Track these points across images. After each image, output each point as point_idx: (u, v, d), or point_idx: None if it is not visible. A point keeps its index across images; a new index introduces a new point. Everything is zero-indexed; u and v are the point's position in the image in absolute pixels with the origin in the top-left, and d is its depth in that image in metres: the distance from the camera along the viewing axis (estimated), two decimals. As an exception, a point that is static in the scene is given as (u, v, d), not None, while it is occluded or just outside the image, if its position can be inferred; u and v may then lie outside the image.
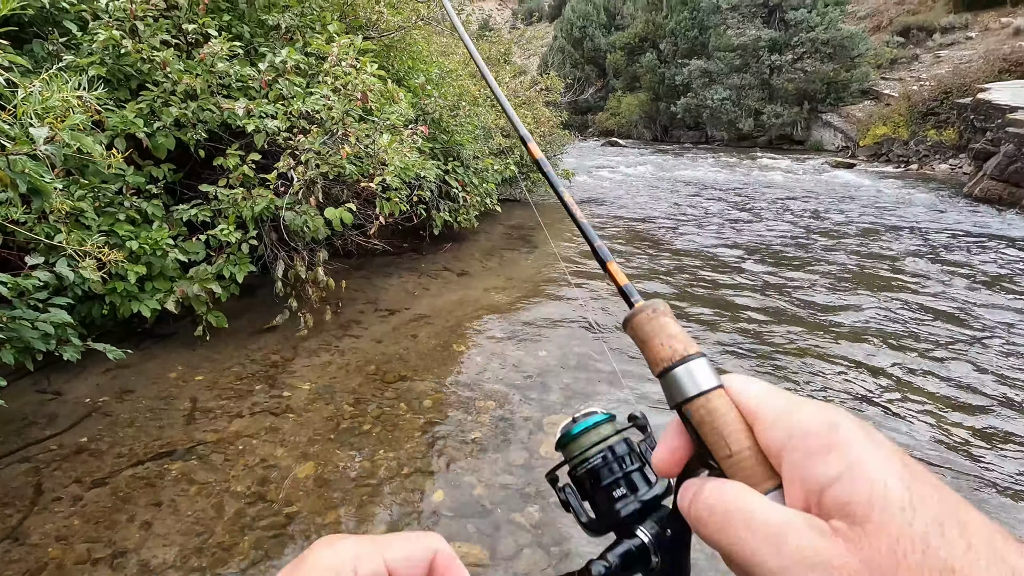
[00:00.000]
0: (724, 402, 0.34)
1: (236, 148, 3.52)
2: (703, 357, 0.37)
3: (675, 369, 0.37)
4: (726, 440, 0.33)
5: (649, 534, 0.40)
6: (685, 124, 24.48)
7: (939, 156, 14.16)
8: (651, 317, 0.39)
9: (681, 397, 0.36)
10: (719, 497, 0.31)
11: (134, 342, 3.42)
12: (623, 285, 0.45)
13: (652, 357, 0.38)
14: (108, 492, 2.25)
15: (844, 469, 0.28)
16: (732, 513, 0.30)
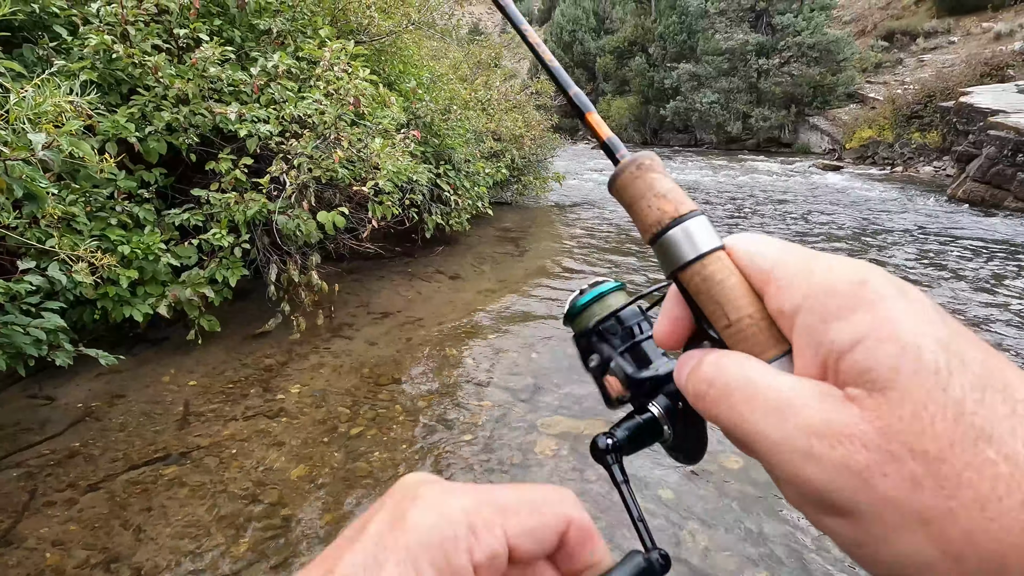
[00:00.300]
0: (722, 266, 0.30)
1: (228, 152, 3.53)
2: (700, 215, 0.32)
3: (666, 234, 0.32)
4: (723, 308, 0.30)
5: (660, 407, 0.37)
6: (674, 127, 24.68)
7: (923, 158, 14.39)
8: (636, 175, 0.34)
9: (674, 265, 0.32)
10: (717, 369, 0.28)
11: (126, 347, 3.40)
12: (606, 138, 0.37)
13: (640, 222, 0.34)
14: (103, 497, 2.25)
15: (868, 330, 0.23)
16: (731, 385, 0.27)
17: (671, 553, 2.01)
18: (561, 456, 2.56)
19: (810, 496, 0.24)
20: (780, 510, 2.24)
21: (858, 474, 0.22)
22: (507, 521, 0.25)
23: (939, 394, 0.22)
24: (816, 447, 0.23)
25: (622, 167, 0.35)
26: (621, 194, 0.35)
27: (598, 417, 2.87)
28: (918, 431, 0.21)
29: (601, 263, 5.81)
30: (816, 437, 0.23)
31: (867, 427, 0.22)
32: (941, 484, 0.21)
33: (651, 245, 0.33)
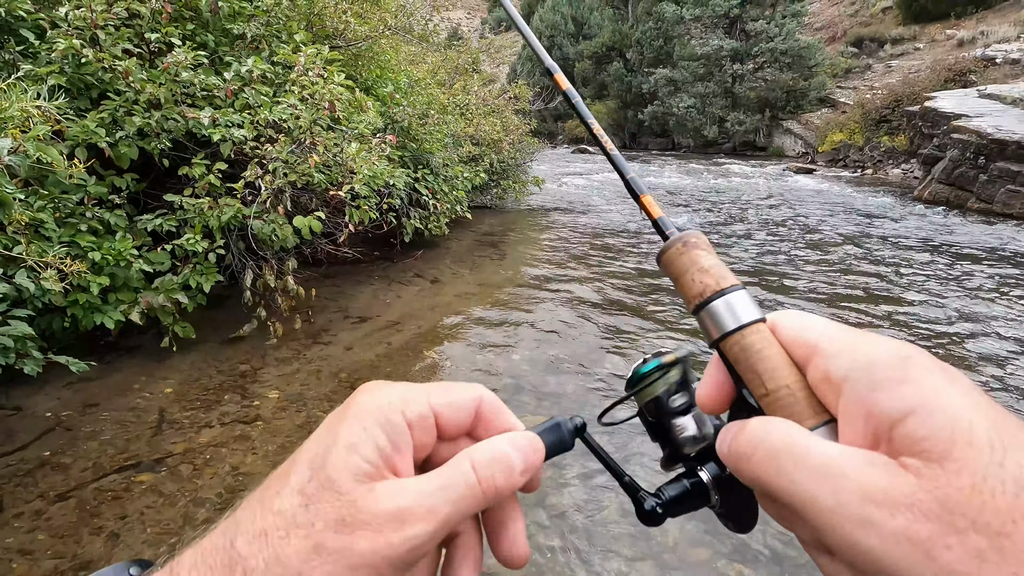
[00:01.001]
0: (761, 337, 0.32)
1: (202, 157, 3.51)
2: (741, 290, 0.34)
3: (708, 305, 0.34)
4: (761, 377, 0.31)
5: (709, 473, 0.38)
6: (652, 131, 25.01)
7: (892, 161, 14.81)
8: (681, 251, 0.36)
9: (716, 334, 0.34)
10: (763, 432, 0.29)
11: (98, 355, 3.35)
12: (657, 218, 0.41)
13: (684, 294, 0.36)
14: (73, 506, 2.21)
15: (919, 403, 0.24)
16: (777, 447, 0.27)
17: (647, 548, 2.04)
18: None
19: (865, 565, 0.24)
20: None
21: (919, 545, 0.22)
22: (431, 396, 0.31)
23: (996, 469, 0.22)
24: (874, 515, 0.23)
25: (669, 243, 0.37)
26: (668, 267, 0.37)
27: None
28: (979, 504, 0.21)
29: (580, 267, 5.87)
30: (873, 504, 0.23)
31: (926, 496, 0.22)
32: (1006, 559, 0.21)
33: (694, 315, 0.35)
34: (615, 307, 4.60)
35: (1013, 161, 8.85)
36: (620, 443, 2.65)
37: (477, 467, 0.30)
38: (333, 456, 0.28)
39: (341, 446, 0.28)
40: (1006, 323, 4.31)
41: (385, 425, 0.29)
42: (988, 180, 9.13)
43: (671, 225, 0.40)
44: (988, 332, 4.13)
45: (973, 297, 4.93)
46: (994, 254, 6.51)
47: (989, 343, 3.93)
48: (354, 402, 0.31)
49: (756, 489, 0.30)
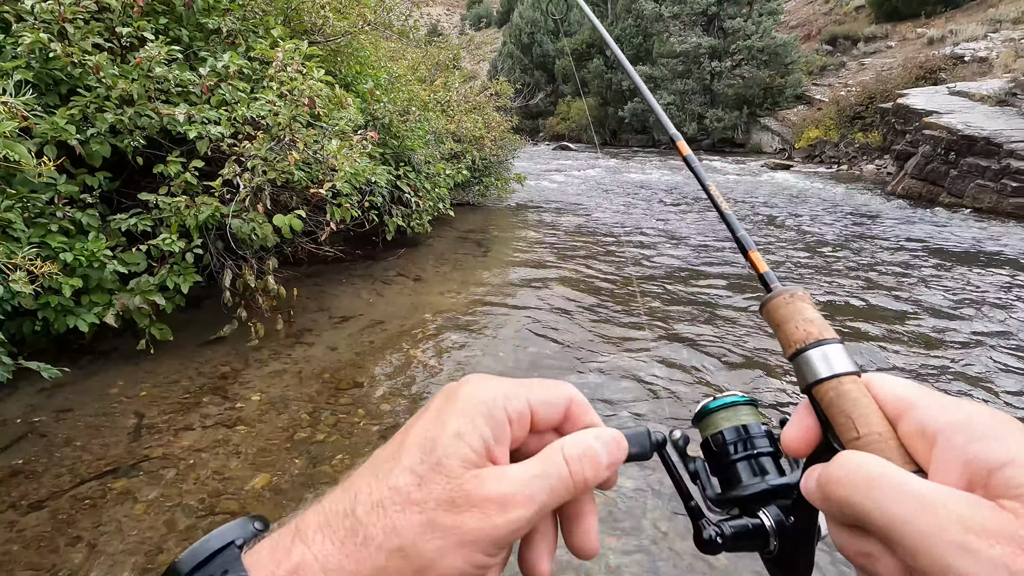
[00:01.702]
0: (857, 387, 0.34)
1: (177, 155, 3.42)
2: (839, 343, 0.36)
3: (808, 351, 0.37)
4: (854, 422, 0.33)
5: (771, 518, 0.39)
6: (633, 128, 25.15)
7: (866, 157, 15.11)
8: (788, 301, 0.40)
9: (812, 379, 0.36)
10: (862, 460, 0.30)
11: (71, 359, 3.26)
12: (763, 272, 0.45)
13: (786, 339, 0.38)
14: (47, 515, 2.15)
15: (1017, 454, 0.27)
16: (876, 474, 0.29)
17: (636, 542, 2.06)
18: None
19: None
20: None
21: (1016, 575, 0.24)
22: (529, 393, 0.34)
23: None
24: (973, 542, 0.25)
25: (777, 293, 0.41)
26: (772, 314, 0.40)
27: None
28: None
29: (563, 264, 5.88)
30: (973, 533, 0.25)
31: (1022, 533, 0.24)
32: None
33: (792, 359, 0.38)
34: (598, 305, 4.62)
35: (982, 157, 9.09)
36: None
37: (569, 460, 0.32)
38: (442, 442, 0.31)
39: (450, 434, 0.31)
40: (976, 312, 4.43)
41: (489, 419, 0.32)
42: (958, 175, 9.37)
43: (775, 279, 0.44)
44: (954, 319, 4.24)
45: (939, 287, 5.05)
46: (967, 247, 6.69)
47: (955, 330, 4.04)
48: (461, 394, 0.33)
49: (843, 517, 0.31)
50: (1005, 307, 4.60)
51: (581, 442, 0.34)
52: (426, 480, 0.30)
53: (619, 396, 3.12)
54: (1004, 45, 16.24)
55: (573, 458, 0.33)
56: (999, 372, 3.46)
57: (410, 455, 0.31)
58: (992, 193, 8.79)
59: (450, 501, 0.29)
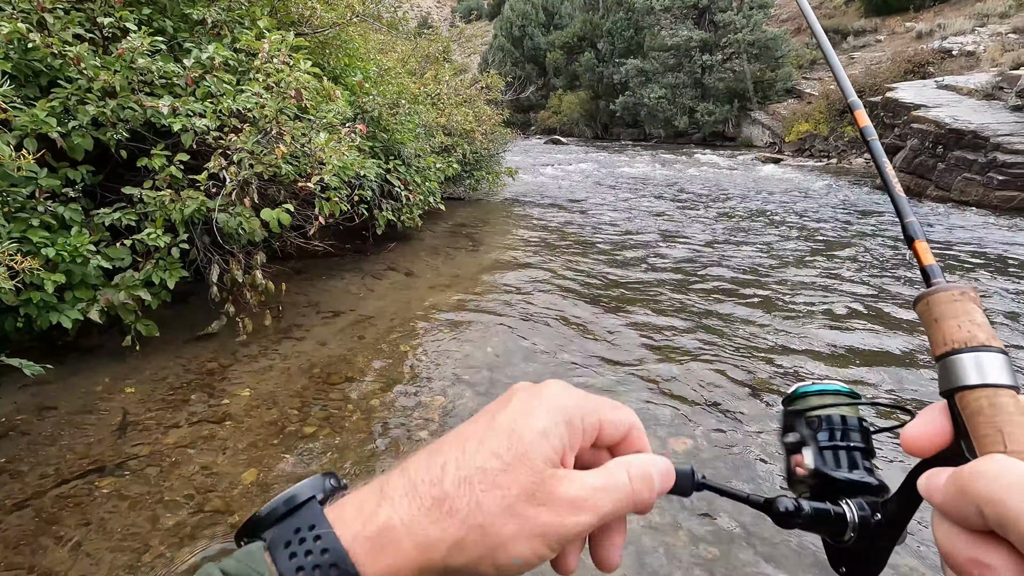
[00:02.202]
0: (1016, 404, 0.31)
1: (162, 148, 3.36)
2: (1004, 354, 0.33)
3: (965, 354, 0.34)
4: (1005, 436, 0.30)
5: (855, 510, 0.38)
6: (624, 122, 25.14)
7: (855, 150, 15.20)
8: (956, 297, 0.36)
9: (960, 383, 0.33)
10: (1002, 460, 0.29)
11: (55, 356, 3.20)
12: (927, 265, 0.42)
13: (942, 336, 0.35)
14: (31, 514, 2.11)
15: None
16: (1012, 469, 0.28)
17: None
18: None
19: None
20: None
21: None
22: (601, 410, 0.37)
23: None
24: None
25: (945, 287, 0.38)
26: (933, 308, 0.37)
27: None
28: None
29: (554, 258, 5.87)
30: None
31: None
32: None
33: (941, 359, 0.35)
34: (589, 298, 4.62)
35: (968, 150, 9.17)
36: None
37: (633, 479, 0.35)
38: (529, 437, 0.33)
39: (537, 430, 0.33)
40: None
41: (568, 424, 0.34)
42: (946, 168, 9.45)
43: (939, 273, 0.41)
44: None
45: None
46: (956, 240, 6.75)
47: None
48: (547, 394, 0.36)
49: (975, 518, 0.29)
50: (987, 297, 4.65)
51: (643, 464, 0.36)
52: (511, 468, 0.32)
53: (615, 388, 3.12)
54: (991, 39, 16.36)
55: (636, 477, 0.35)
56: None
57: (497, 441, 0.33)
58: (979, 186, 8.87)
59: (530, 493, 0.32)
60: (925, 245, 0.44)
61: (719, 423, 2.81)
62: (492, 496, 0.31)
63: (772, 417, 2.87)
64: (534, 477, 0.32)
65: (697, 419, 2.83)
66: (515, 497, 0.31)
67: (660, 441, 2.64)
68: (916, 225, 0.45)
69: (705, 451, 2.58)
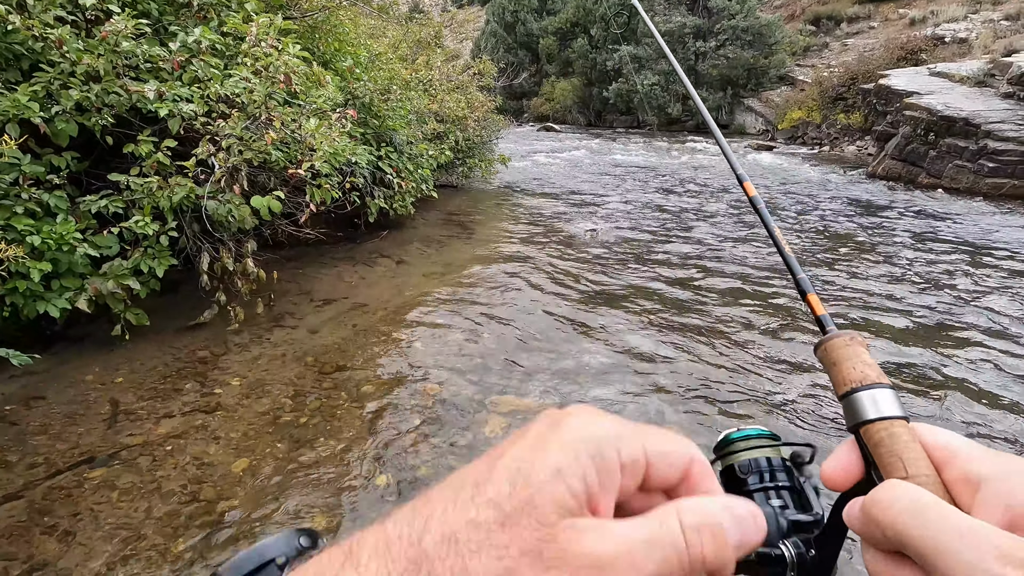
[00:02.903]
0: (906, 431, 0.35)
1: (148, 134, 3.30)
2: (892, 389, 0.38)
3: (861, 392, 0.38)
4: (904, 462, 0.34)
5: (791, 550, 0.39)
6: (618, 109, 25.01)
7: (848, 138, 15.22)
8: (847, 343, 0.41)
9: (862, 417, 0.37)
10: (911, 490, 0.31)
11: (43, 346, 3.17)
12: (820, 315, 0.48)
13: (840, 378, 0.40)
14: (23, 506, 2.09)
15: None
16: (926, 503, 0.30)
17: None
18: (511, 434, 2.58)
19: None
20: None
21: None
22: (647, 441, 0.28)
23: None
24: (1010, 573, 0.26)
25: (837, 335, 0.43)
26: (830, 353, 0.42)
27: (546, 394, 2.91)
28: None
29: (547, 246, 5.86)
30: (1011, 565, 0.26)
31: None
32: None
33: (843, 398, 0.39)
34: (582, 286, 4.61)
35: (960, 137, 9.20)
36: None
37: (686, 528, 0.26)
38: (537, 476, 0.25)
39: (548, 468, 0.26)
40: (961, 291, 4.51)
41: (597, 458, 0.26)
42: (937, 156, 9.49)
43: (831, 323, 0.47)
44: (940, 296, 4.31)
45: (917, 263, 5.14)
46: (942, 226, 6.80)
47: (941, 306, 4.11)
48: (565, 423, 0.28)
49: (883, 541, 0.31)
50: (975, 282, 4.69)
51: (705, 509, 0.27)
52: (512, 520, 0.25)
53: (605, 378, 3.12)
54: (983, 26, 16.37)
55: (691, 527, 0.26)
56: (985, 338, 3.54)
57: (497, 485, 0.26)
58: (969, 174, 8.92)
59: (537, 553, 0.24)
60: (815, 298, 0.50)
61: (704, 412, 2.83)
62: (483, 559, 0.24)
63: (764, 406, 2.89)
64: (541, 531, 0.24)
65: (683, 409, 2.84)
66: (516, 559, 0.24)
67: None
68: (806, 280, 0.52)
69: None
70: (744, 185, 0.65)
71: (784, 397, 2.97)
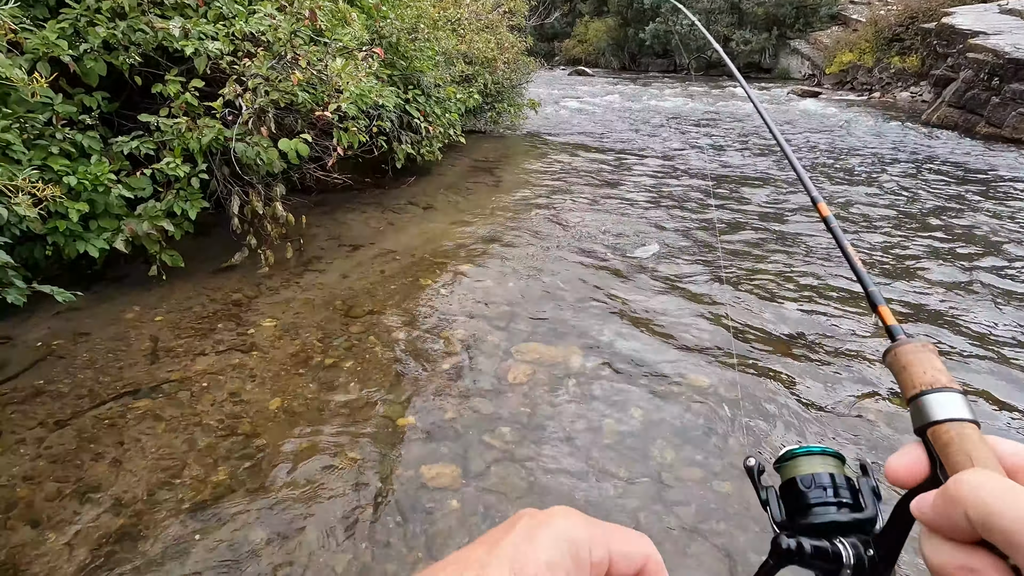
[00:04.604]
0: (977, 432, 0.36)
1: (176, 74, 3.27)
2: (963, 395, 0.38)
3: (931, 394, 0.39)
4: (972, 459, 0.34)
5: (849, 549, 0.41)
6: (653, 52, 23.83)
7: (901, 84, 14.24)
8: (919, 349, 0.42)
9: (932, 418, 0.37)
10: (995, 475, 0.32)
11: (84, 285, 3.28)
12: (890, 325, 0.50)
13: (910, 381, 0.41)
14: (72, 433, 2.22)
15: None
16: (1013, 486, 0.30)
17: (643, 468, 2.09)
18: (536, 382, 2.60)
19: None
20: (748, 422, 2.33)
21: None
22: (610, 541, 0.34)
23: None
24: None
25: (909, 340, 0.44)
26: (901, 358, 0.43)
27: (571, 344, 2.91)
28: None
29: (576, 195, 5.73)
30: None
31: None
32: None
33: (912, 400, 0.40)
34: (611, 236, 4.52)
35: (1028, 82, 8.49)
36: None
37: None
38: (533, 567, 0.30)
39: (541, 561, 0.30)
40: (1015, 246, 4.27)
41: (575, 558, 0.31)
42: (1000, 103, 8.81)
43: (902, 331, 0.48)
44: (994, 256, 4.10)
45: (982, 222, 4.86)
46: (997, 178, 6.38)
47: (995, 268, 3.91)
48: (552, 524, 0.33)
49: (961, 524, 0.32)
50: (1036, 242, 4.43)
51: None
52: None
53: (630, 332, 3.09)
54: (1067, -44, 14.77)
55: None
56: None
57: (499, 570, 0.30)
58: (1034, 122, 8.28)
59: None
60: (886, 309, 0.52)
61: (721, 373, 2.79)
62: None
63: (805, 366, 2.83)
64: None
65: (699, 366, 2.81)
66: None
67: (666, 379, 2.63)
68: (877, 293, 0.54)
69: (703, 408, 2.57)
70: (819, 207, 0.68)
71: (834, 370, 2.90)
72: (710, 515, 1.90)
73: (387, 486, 2.00)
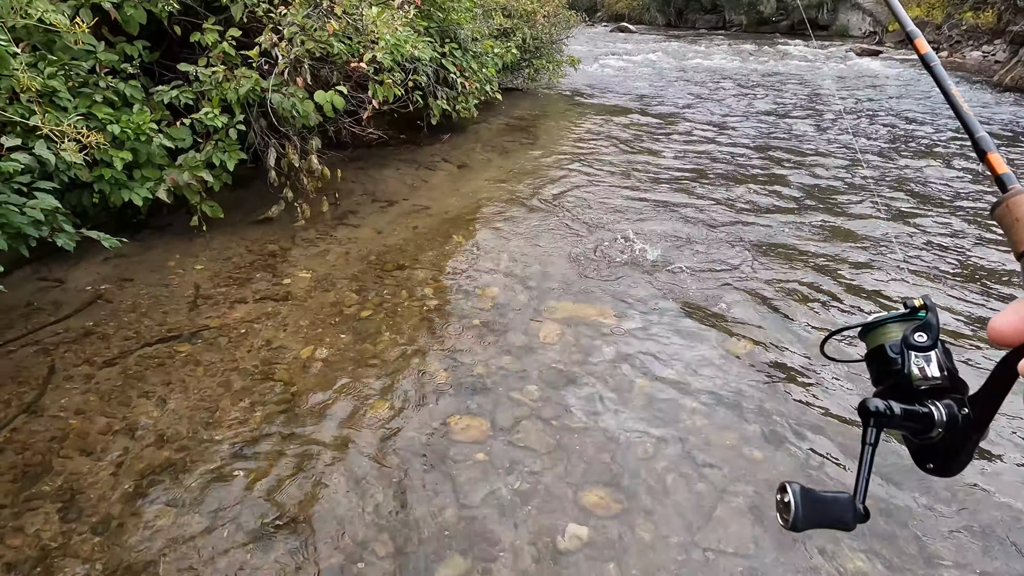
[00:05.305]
0: None
1: (213, 23, 3.25)
2: None
3: None
4: None
5: (942, 409, 0.41)
6: (701, 7, 22.64)
7: (972, 42, 13.19)
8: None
9: None
10: None
11: (129, 233, 3.37)
12: (1002, 173, 0.46)
13: (1021, 236, 0.39)
14: (118, 372, 2.32)
15: None
16: None
17: (674, 431, 2.06)
18: (566, 340, 2.57)
19: None
20: (783, 390, 2.26)
21: None
22: None
23: None
24: None
25: (1021, 191, 0.41)
26: (1012, 210, 0.40)
27: (604, 303, 2.86)
28: None
29: (615, 157, 5.56)
30: None
31: None
32: None
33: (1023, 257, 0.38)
34: (648, 199, 4.38)
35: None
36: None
37: None
38: None
39: None
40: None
41: None
42: (1085, 62, 8.06)
43: (1015, 179, 0.45)
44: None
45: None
46: (1077, 147, 5.89)
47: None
48: None
49: None
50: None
51: None
52: None
53: (667, 295, 3.02)
54: None
55: None
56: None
57: None
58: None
59: None
60: (997, 156, 0.47)
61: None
62: None
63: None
64: None
65: (732, 333, 2.72)
66: None
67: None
68: (987, 139, 0.49)
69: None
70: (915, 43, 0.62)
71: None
72: (740, 478, 1.86)
73: (416, 435, 2.03)
